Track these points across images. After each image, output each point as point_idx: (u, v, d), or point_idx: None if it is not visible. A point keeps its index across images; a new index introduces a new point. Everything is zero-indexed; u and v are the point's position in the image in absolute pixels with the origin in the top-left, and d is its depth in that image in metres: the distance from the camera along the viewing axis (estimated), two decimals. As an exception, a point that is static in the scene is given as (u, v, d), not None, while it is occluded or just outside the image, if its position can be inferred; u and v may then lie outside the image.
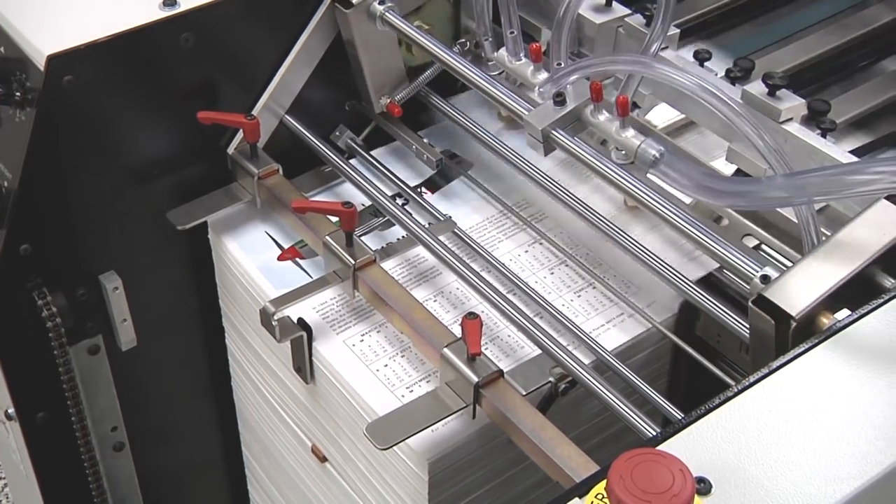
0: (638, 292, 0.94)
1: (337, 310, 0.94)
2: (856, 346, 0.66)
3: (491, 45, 0.99)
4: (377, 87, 1.04)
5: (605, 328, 0.91)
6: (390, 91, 1.04)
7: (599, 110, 0.86)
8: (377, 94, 1.04)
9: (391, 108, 1.04)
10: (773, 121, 0.90)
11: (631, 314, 0.92)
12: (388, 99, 1.04)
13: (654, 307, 0.92)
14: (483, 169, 1.07)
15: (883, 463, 0.59)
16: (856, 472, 0.58)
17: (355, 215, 0.91)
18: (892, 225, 0.73)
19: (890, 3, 1.20)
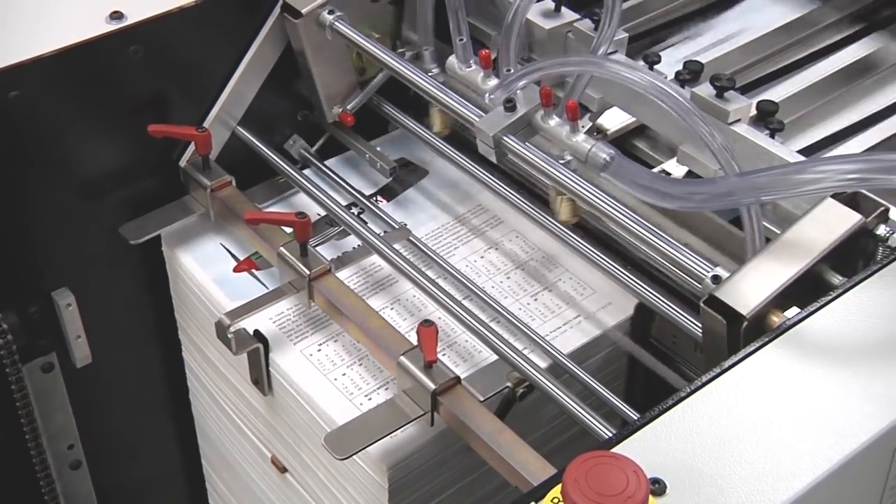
0: (593, 295, 0.94)
1: (294, 320, 0.94)
2: (805, 344, 0.66)
3: (431, 55, 0.99)
4: (329, 97, 1.04)
5: (562, 331, 0.92)
6: (342, 100, 1.04)
7: (550, 115, 0.87)
8: (329, 104, 1.04)
9: (343, 118, 1.04)
10: (721, 122, 0.90)
11: (587, 316, 0.93)
12: (340, 108, 1.04)
13: (609, 309, 0.93)
14: (437, 176, 1.07)
15: (834, 458, 0.59)
16: (808, 467, 0.59)
17: (309, 225, 0.90)
18: (839, 223, 0.73)
19: (834, 4, 1.21)
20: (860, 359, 0.65)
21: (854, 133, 1.08)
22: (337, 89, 1.04)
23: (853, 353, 0.65)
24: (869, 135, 1.08)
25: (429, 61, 1.03)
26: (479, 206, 1.03)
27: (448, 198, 1.04)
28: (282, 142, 1.08)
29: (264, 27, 1.01)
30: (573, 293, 0.94)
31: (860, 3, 1.22)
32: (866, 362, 0.65)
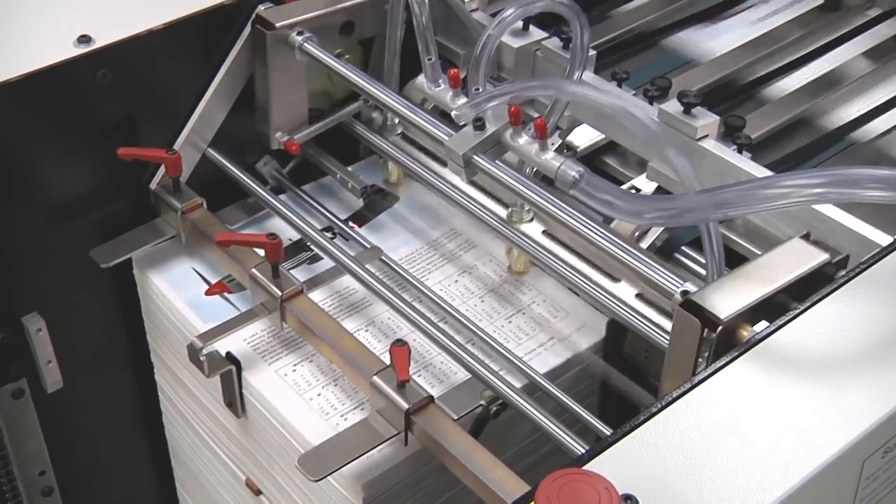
0: (567, 317, 0.95)
1: (267, 341, 0.94)
2: (775, 357, 0.67)
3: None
4: (278, 123, 1.03)
5: (536, 353, 0.92)
6: (290, 129, 1.04)
7: (519, 133, 0.87)
8: (276, 129, 1.03)
9: (288, 146, 1.03)
10: (689, 138, 0.91)
11: (561, 338, 0.93)
12: (286, 136, 1.03)
13: (583, 330, 0.93)
14: (410, 201, 1.07)
15: (804, 471, 0.60)
16: (778, 481, 0.59)
17: (280, 246, 0.90)
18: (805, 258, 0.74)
19: (795, 21, 1.23)
20: (828, 372, 0.65)
21: (821, 146, 1.09)
22: (288, 117, 1.04)
23: (822, 366, 0.66)
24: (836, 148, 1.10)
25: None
26: (452, 231, 1.04)
27: (421, 223, 1.04)
28: (253, 163, 1.08)
29: (234, 49, 1.01)
30: (547, 315, 0.95)
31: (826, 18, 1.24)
32: (834, 375, 0.65)
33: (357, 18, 1.03)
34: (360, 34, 1.04)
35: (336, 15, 1.01)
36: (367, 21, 1.03)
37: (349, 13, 1.02)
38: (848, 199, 0.72)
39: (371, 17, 1.03)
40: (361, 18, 1.03)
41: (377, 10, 1.03)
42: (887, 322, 0.68)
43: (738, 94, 1.15)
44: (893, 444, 0.65)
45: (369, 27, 1.04)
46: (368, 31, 1.04)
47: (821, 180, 0.69)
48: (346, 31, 1.03)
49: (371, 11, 1.03)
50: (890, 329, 0.68)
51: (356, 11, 1.02)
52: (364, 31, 1.04)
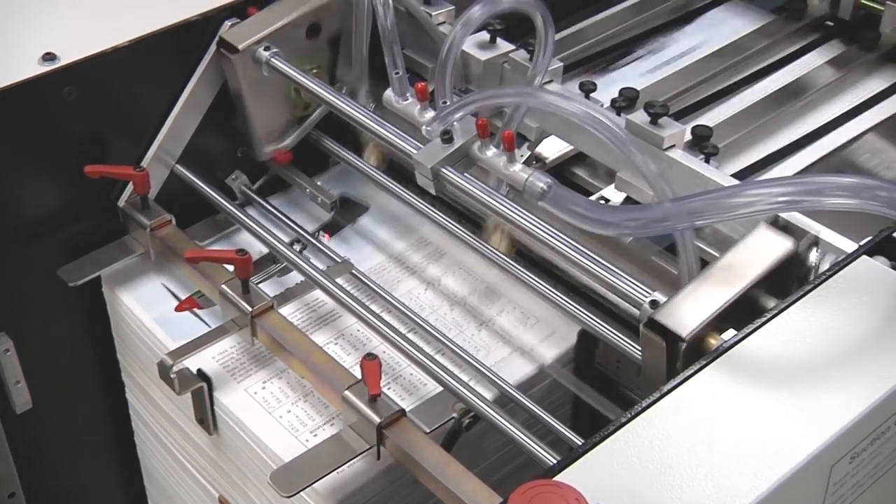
0: (537, 325, 0.95)
1: (237, 358, 0.93)
2: (742, 365, 0.67)
3: (366, 95, 1.00)
4: (263, 135, 1.03)
5: (507, 361, 0.92)
6: (277, 138, 1.04)
7: (487, 146, 0.88)
8: (263, 142, 1.03)
9: (278, 156, 1.04)
10: (656, 148, 0.92)
11: (531, 347, 0.93)
12: (274, 146, 1.04)
13: (553, 339, 0.94)
14: (379, 211, 1.07)
15: (772, 478, 0.60)
16: (748, 488, 0.60)
17: (250, 262, 0.90)
18: (772, 249, 0.75)
19: (762, 29, 1.24)
20: (796, 378, 0.66)
21: (787, 155, 1.10)
22: (271, 127, 1.04)
23: (789, 373, 0.67)
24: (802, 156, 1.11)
25: (364, 99, 1.04)
26: (422, 240, 1.04)
27: (390, 232, 1.04)
28: (222, 179, 1.07)
29: (201, 64, 1.01)
30: (517, 323, 0.95)
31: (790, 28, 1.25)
32: (802, 382, 0.66)
33: (322, 19, 1.02)
34: (328, 33, 1.03)
35: (301, 20, 1.01)
36: (332, 19, 1.03)
37: (314, 15, 1.01)
38: (812, 207, 0.72)
39: (335, 13, 1.03)
40: (326, 18, 1.03)
41: (339, 5, 1.02)
42: (853, 328, 0.69)
43: (705, 103, 1.16)
44: (860, 449, 0.65)
45: (335, 24, 1.03)
46: (334, 29, 1.04)
47: (785, 189, 0.70)
48: (312, 34, 1.02)
49: (334, 8, 1.02)
50: (855, 335, 0.68)
51: (321, 12, 1.02)
52: (330, 29, 1.03)
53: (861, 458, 0.66)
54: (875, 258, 0.74)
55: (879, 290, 0.71)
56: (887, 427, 0.66)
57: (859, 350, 0.68)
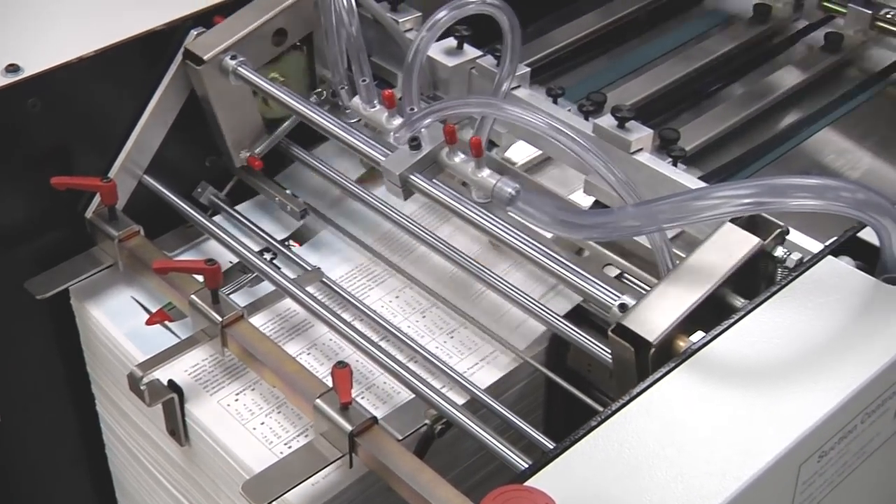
0: (508, 329, 0.95)
1: (209, 370, 0.93)
2: (711, 367, 0.68)
3: (347, 93, 1.00)
4: (235, 142, 1.03)
5: (479, 366, 0.92)
6: (249, 144, 1.04)
7: (455, 152, 0.88)
8: (236, 149, 1.04)
9: (251, 162, 1.04)
10: (624, 152, 0.92)
11: (503, 351, 0.93)
12: (247, 153, 1.04)
13: (524, 342, 0.94)
14: (349, 218, 1.07)
15: (741, 478, 0.61)
16: (717, 489, 0.60)
17: (219, 272, 0.90)
18: (738, 247, 0.75)
19: (729, 32, 1.25)
20: (763, 379, 0.67)
21: (755, 156, 1.12)
22: (243, 134, 1.04)
23: (756, 373, 0.67)
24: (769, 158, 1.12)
25: (346, 98, 1.04)
26: (393, 246, 1.04)
27: (360, 239, 1.04)
28: (190, 189, 1.07)
29: (167, 74, 1.00)
30: (489, 328, 0.95)
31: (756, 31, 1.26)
32: (769, 382, 0.66)
33: (287, 24, 1.02)
34: (294, 37, 1.03)
35: (266, 27, 1.01)
36: (298, 22, 1.03)
37: (280, 21, 1.01)
38: (778, 208, 0.73)
39: (300, 16, 1.03)
40: (293, 23, 1.02)
41: (307, 9, 1.02)
42: (819, 328, 0.70)
43: (672, 106, 1.17)
44: (828, 448, 0.66)
45: (302, 27, 1.03)
46: (302, 31, 1.04)
47: (750, 190, 0.70)
48: (279, 39, 1.02)
49: (301, 12, 1.02)
50: (822, 335, 0.69)
51: (286, 18, 1.02)
52: (297, 33, 1.03)
53: (829, 457, 0.66)
54: (840, 258, 0.75)
55: (845, 289, 0.72)
56: (853, 426, 0.67)
57: (826, 350, 0.68)
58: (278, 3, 1.01)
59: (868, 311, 0.71)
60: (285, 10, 1.01)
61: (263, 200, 1.09)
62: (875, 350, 0.68)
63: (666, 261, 0.81)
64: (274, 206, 1.08)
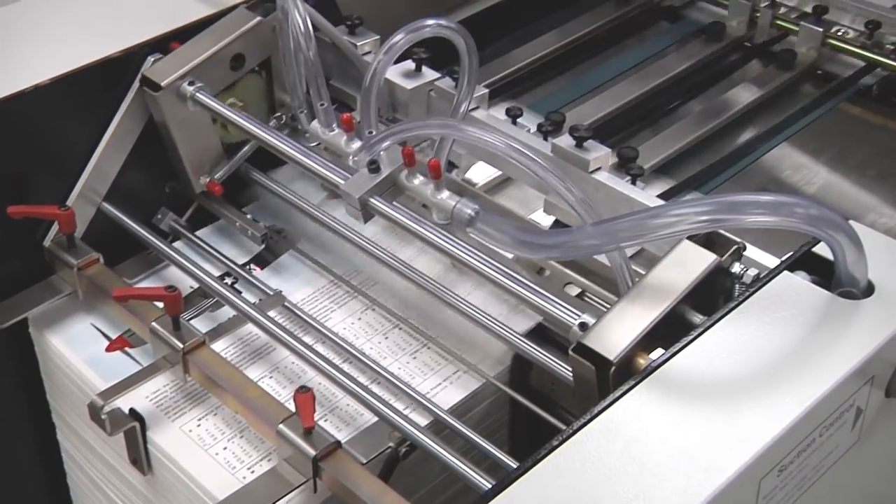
0: (471, 348, 0.95)
1: (171, 396, 0.92)
2: (671, 384, 0.68)
3: (306, 116, 1.00)
4: (195, 168, 1.03)
5: (442, 386, 0.92)
6: (209, 170, 1.04)
7: (414, 174, 0.88)
8: (196, 175, 1.03)
9: (211, 187, 1.04)
10: (583, 171, 0.93)
11: (466, 370, 0.93)
12: (207, 178, 1.03)
13: (487, 362, 0.94)
14: (310, 241, 1.07)
15: (702, 494, 0.61)
16: (679, 506, 0.61)
17: (179, 298, 0.89)
18: (695, 263, 0.76)
19: (685, 51, 1.27)
20: (723, 395, 0.67)
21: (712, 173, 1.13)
22: (203, 159, 1.03)
23: (716, 389, 0.68)
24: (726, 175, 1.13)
25: (305, 122, 1.04)
26: (354, 268, 1.04)
27: (322, 261, 1.04)
28: (150, 215, 1.06)
29: (125, 101, 1.00)
30: (452, 348, 0.95)
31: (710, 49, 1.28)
32: (728, 398, 0.67)
33: (245, 49, 1.02)
34: (253, 62, 1.04)
35: (224, 52, 1.01)
36: (256, 47, 1.03)
37: (237, 45, 1.01)
38: (734, 225, 0.73)
39: (258, 41, 1.03)
40: (250, 47, 1.02)
41: (265, 33, 1.02)
42: (776, 343, 0.70)
43: (630, 125, 1.18)
44: (788, 461, 0.66)
45: (259, 52, 1.04)
46: (260, 56, 1.04)
47: (706, 208, 0.71)
48: (237, 64, 1.02)
49: (258, 37, 1.02)
50: (779, 350, 0.70)
51: (243, 42, 1.02)
52: (256, 58, 1.04)
53: (789, 471, 0.67)
54: (796, 273, 0.76)
55: (801, 304, 0.73)
56: (812, 439, 0.68)
57: (783, 364, 0.69)
58: (235, 28, 1.01)
59: (824, 326, 0.72)
60: (243, 35, 1.01)
61: (224, 225, 1.09)
62: (831, 363, 0.69)
63: (626, 279, 0.82)
64: (234, 230, 1.07)
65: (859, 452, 0.74)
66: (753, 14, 1.29)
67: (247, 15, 1.03)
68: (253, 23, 1.02)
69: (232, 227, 1.07)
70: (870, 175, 1.13)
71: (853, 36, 1.25)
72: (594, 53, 1.31)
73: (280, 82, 1.06)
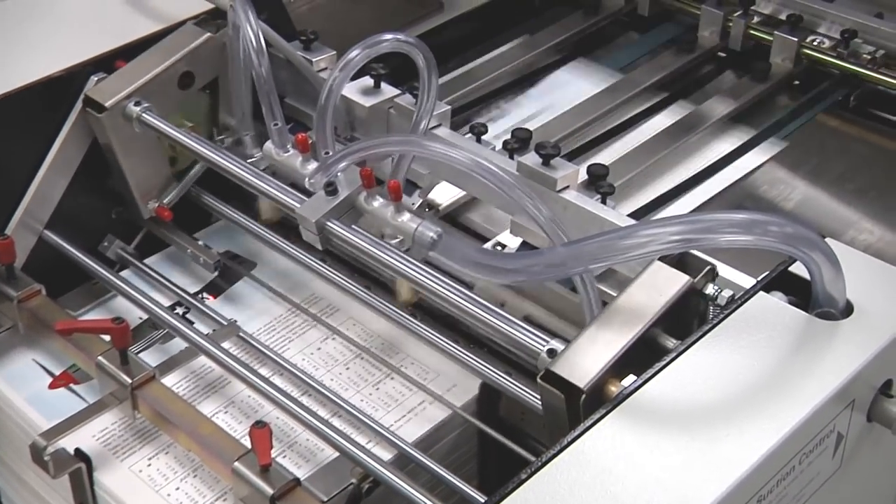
0: (437, 378, 0.96)
1: (119, 435, 0.92)
2: (643, 412, 0.69)
3: (252, 140, 1.00)
4: (142, 192, 1.03)
5: (407, 419, 0.93)
6: (157, 194, 1.04)
7: (373, 196, 0.88)
8: (143, 200, 1.03)
9: (160, 213, 1.03)
10: (550, 190, 0.94)
11: (431, 401, 0.94)
12: (155, 203, 1.03)
13: (454, 392, 0.94)
14: (266, 267, 1.07)
15: (677, 526, 0.62)
16: (652, 539, 0.61)
17: (127, 331, 0.89)
18: (667, 286, 0.77)
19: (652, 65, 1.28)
20: (698, 422, 0.68)
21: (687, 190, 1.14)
22: (151, 183, 1.04)
23: (690, 417, 0.68)
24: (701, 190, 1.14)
25: (250, 146, 1.04)
26: (313, 296, 1.04)
27: (279, 289, 1.04)
28: (96, 243, 1.06)
29: (67, 122, 1.00)
30: (416, 378, 0.95)
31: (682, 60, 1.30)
32: (704, 426, 0.67)
33: (194, 66, 1.02)
34: (202, 80, 1.04)
35: (172, 70, 1.01)
36: (206, 65, 1.03)
37: (186, 63, 1.02)
38: (707, 245, 0.75)
39: (208, 59, 1.03)
40: (199, 65, 1.03)
41: (213, 51, 1.03)
42: (753, 368, 0.71)
43: (600, 141, 1.19)
44: (766, 491, 0.67)
45: (209, 71, 1.04)
46: (209, 75, 1.04)
47: (678, 227, 0.72)
48: (186, 84, 1.03)
49: (207, 54, 1.03)
50: (756, 375, 0.71)
51: (192, 59, 1.02)
52: (205, 76, 1.04)
53: (768, 501, 0.68)
54: (772, 294, 0.77)
55: (777, 326, 0.74)
56: (792, 467, 0.68)
57: (760, 390, 0.70)
58: (184, 44, 1.02)
59: (802, 348, 0.73)
60: (191, 52, 1.02)
61: (175, 252, 1.09)
62: (810, 387, 0.70)
63: (591, 303, 0.82)
64: (187, 257, 1.07)
65: (841, 480, 0.75)
66: (726, 23, 1.30)
67: (195, 31, 1.04)
68: (202, 39, 1.02)
69: (183, 254, 1.07)
70: (849, 189, 1.15)
71: (829, 45, 1.27)
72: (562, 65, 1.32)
73: (226, 104, 1.06)
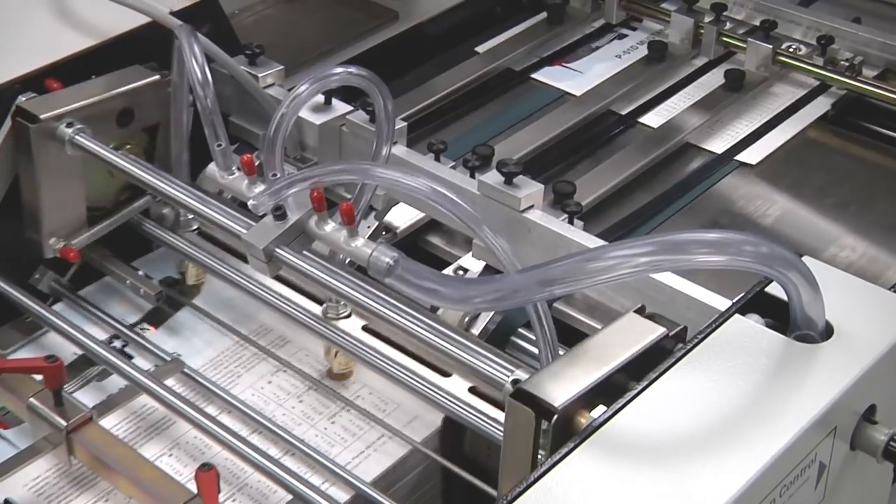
0: (396, 410, 0.96)
1: (54, 483, 0.91)
2: (614, 444, 0.69)
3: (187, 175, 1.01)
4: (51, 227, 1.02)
5: (365, 455, 0.93)
6: (66, 234, 1.03)
7: (325, 220, 0.88)
8: (49, 235, 1.02)
9: (65, 254, 1.02)
10: (514, 210, 0.94)
11: (391, 435, 0.94)
12: (63, 243, 1.02)
13: (414, 425, 0.94)
14: (212, 295, 1.07)
15: (652, 567, 0.62)
16: (626, 579, 0.61)
17: (61, 370, 0.88)
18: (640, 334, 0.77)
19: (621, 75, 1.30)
20: (671, 455, 0.68)
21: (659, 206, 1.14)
22: (63, 220, 1.03)
23: (664, 449, 0.69)
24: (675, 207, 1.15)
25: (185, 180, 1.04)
26: (262, 326, 1.04)
27: (226, 319, 1.04)
28: (27, 275, 1.05)
29: (-7, 147, 1.00)
30: (374, 411, 0.96)
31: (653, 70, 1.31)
32: (677, 458, 0.68)
33: (136, 105, 1.03)
34: (142, 122, 1.04)
35: (111, 102, 1.01)
36: (149, 108, 1.04)
37: (126, 100, 1.02)
38: (679, 266, 0.75)
39: (152, 102, 1.04)
40: (141, 105, 1.03)
41: (158, 95, 1.03)
42: (729, 394, 0.71)
43: (566, 157, 1.20)
44: (745, 526, 0.68)
45: (151, 114, 1.05)
46: (151, 119, 1.05)
47: (648, 249, 0.72)
48: (124, 121, 1.03)
49: (151, 96, 1.04)
50: (732, 402, 0.71)
51: (134, 98, 1.03)
52: (146, 119, 1.04)
53: (747, 536, 0.68)
54: (748, 316, 0.78)
55: (754, 350, 0.74)
56: (772, 500, 0.69)
57: (737, 418, 0.70)
58: (127, 81, 1.02)
59: (780, 373, 0.73)
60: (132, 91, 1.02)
61: (112, 282, 1.08)
62: (789, 415, 0.70)
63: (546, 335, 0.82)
64: (125, 287, 1.07)
65: (825, 512, 0.76)
66: (697, 30, 1.32)
67: (143, 71, 1.05)
68: (148, 80, 1.03)
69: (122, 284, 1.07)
70: (829, 204, 1.16)
71: (805, 52, 1.28)
72: (524, 79, 1.33)
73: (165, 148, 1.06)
